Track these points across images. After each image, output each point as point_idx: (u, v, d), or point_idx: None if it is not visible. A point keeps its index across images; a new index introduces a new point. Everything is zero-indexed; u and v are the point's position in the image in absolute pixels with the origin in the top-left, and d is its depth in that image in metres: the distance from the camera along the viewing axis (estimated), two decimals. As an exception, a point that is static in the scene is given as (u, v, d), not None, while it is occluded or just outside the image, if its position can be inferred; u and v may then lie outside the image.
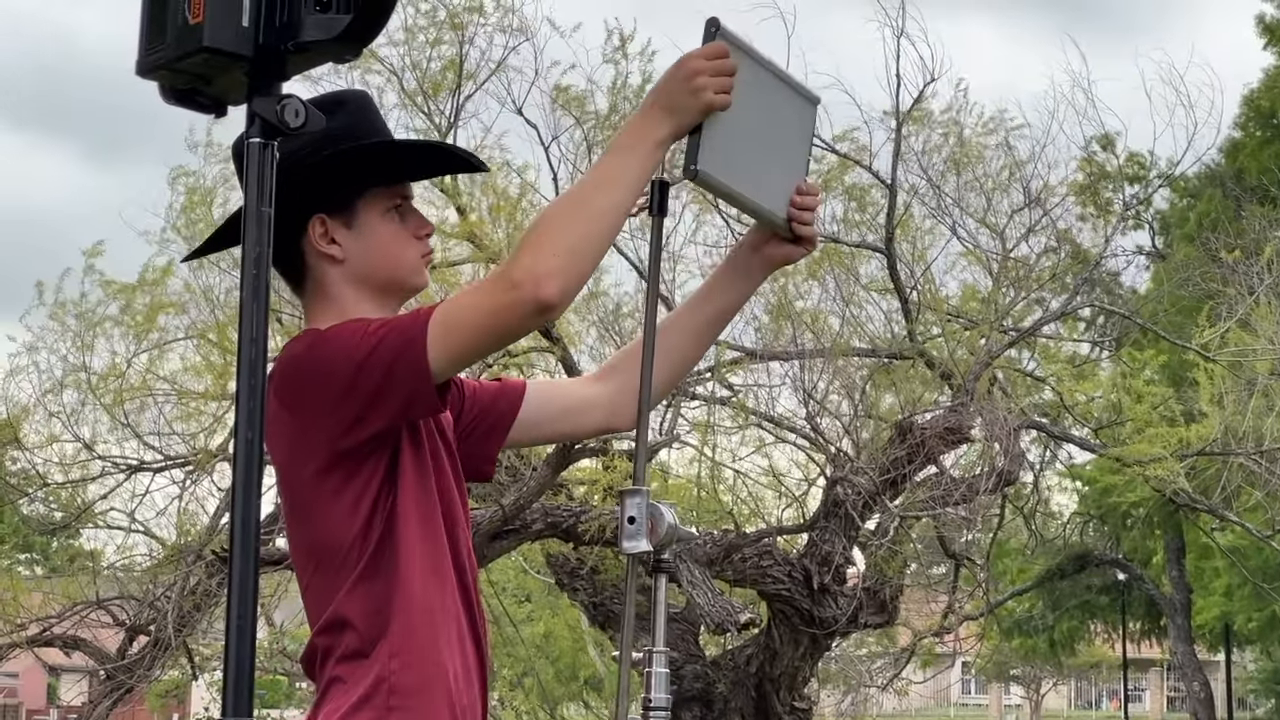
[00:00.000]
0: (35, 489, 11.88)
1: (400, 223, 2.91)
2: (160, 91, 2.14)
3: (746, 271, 3.01)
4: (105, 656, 11.11)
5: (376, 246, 2.87)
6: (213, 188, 10.94)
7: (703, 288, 3.08)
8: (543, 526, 10.45)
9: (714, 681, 11.32)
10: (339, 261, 2.87)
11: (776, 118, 2.85)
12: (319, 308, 2.89)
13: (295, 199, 2.76)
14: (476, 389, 3.08)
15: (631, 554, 2.66)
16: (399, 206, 2.91)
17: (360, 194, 2.88)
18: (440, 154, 3.22)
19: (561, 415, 3.11)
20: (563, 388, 3.35)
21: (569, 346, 10.47)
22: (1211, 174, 28.35)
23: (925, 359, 11.32)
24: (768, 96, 2.82)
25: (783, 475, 11.92)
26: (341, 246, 2.87)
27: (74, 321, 11.25)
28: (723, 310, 3.05)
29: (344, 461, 2.71)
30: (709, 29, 2.69)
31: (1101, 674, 60.47)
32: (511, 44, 10.68)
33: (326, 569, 2.77)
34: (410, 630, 2.72)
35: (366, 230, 2.88)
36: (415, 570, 2.73)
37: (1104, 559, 30.35)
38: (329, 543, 2.75)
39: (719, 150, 2.70)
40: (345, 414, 2.66)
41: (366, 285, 2.87)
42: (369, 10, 2.06)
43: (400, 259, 2.89)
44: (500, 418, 3.05)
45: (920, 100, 11.53)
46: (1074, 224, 12.69)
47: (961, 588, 12.74)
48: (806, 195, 2.89)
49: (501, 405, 3.06)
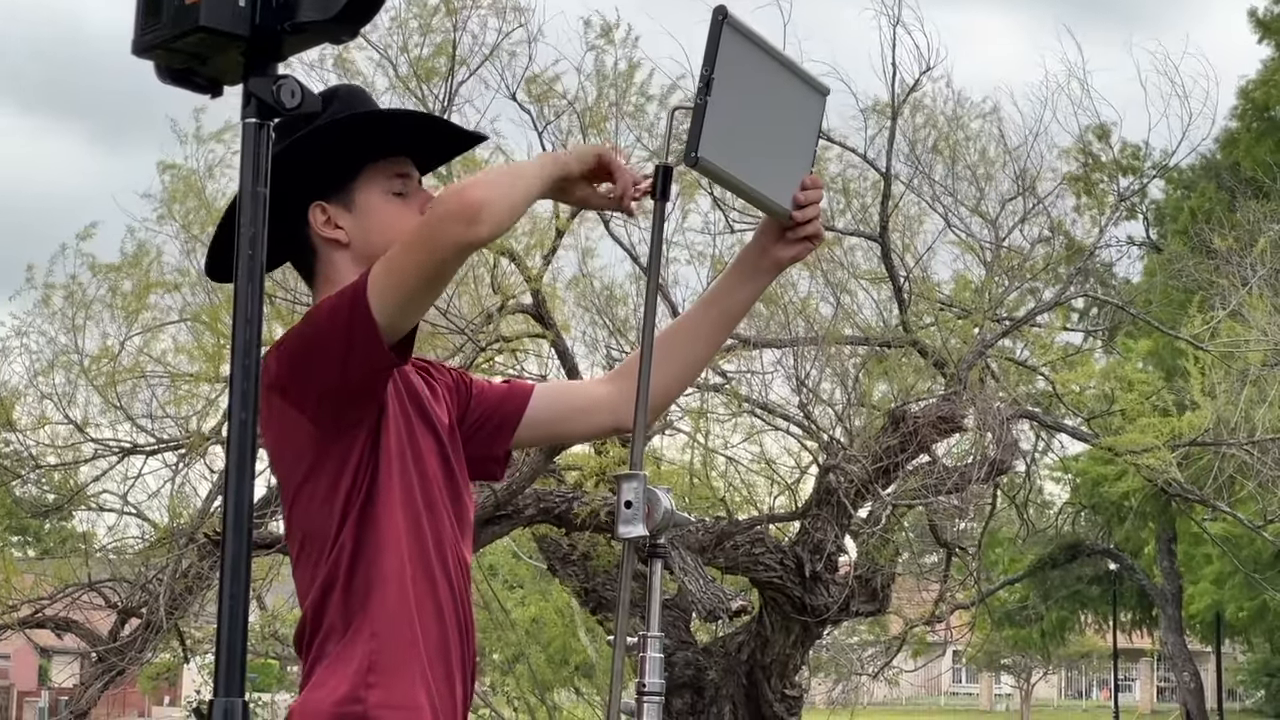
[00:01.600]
0: (27, 471, 11.87)
1: (403, 202, 2.92)
2: (156, 71, 2.13)
3: (755, 272, 3.02)
4: (97, 639, 11.11)
5: (377, 225, 2.88)
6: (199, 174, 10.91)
7: (711, 288, 3.10)
8: (535, 512, 10.44)
9: (705, 669, 11.33)
10: (344, 245, 2.89)
11: (782, 107, 2.84)
12: (320, 294, 2.92)
13: (293, 189, 2.78)
14: (485, 389, 3.11)
15: (627, 539, 2.65)
16: (400, 183, 2.92)
17: (355, 175, 2.90)
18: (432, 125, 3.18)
19: (569, 415, 3.12)
20: (571, 388, 3.44)
21: (562, 333, 10.46)
22: (1207, 166, 28.39)
23: (918, 348, 11.33)
24: (774, 86, 2.82)
25: (775, 462, 11.93)
26: (345, 230, 2.89)
27: (62, 302, 11.23)
28: (731, 310, 3.06)
29: (323, 441, 2.74)
30: (716, 17, 2.69)
31: (1092, 664, 60.59)
32: (505, 29, 10.65)
33: (310, 548, 2.81)
34: (388, 612, 2.74)
35: (367, 210, 2.90)
36: (393, 551, 2.76)
37: (1095, 549, 30.38)
38: (312, 522, 2.80)
39: (722, 138, 2.70)
40: (311, 378, 2.69)
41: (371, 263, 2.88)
42: (365, -9, 2.05)
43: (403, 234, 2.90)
44: (506, 418, 3.07)
45: (916, 88, 11.53)
46: (1067, 214, 12.71)
47: (953, 576, 12.75)
48: (810, 189, 2.90)
49: (508, 406, 3.08)
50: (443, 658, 2.81)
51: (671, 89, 11.03)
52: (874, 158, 11.52)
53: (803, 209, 2.89)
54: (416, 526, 2.79)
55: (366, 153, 2.90)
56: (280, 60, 2.09)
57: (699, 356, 3.09)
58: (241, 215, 2.02)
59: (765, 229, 2.98)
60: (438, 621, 2.81)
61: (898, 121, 11.43)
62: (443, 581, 2.83)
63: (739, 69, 2.72)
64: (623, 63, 11.03)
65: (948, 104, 12.16)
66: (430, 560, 2.81)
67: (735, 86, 2.71)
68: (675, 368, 3.03)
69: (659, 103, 11.10)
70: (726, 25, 2.68)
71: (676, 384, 3.10)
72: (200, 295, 10.76)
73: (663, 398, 3.10)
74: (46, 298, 11.30)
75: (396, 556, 2.76)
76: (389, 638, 2.74)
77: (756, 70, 2.76)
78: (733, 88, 2.71)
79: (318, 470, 2.76)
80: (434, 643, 2.79)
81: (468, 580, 2.92)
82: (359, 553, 2.75)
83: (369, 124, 2.92)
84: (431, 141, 3.03)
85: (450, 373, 3.11)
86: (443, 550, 2.84)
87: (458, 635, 2.85)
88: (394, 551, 2.76)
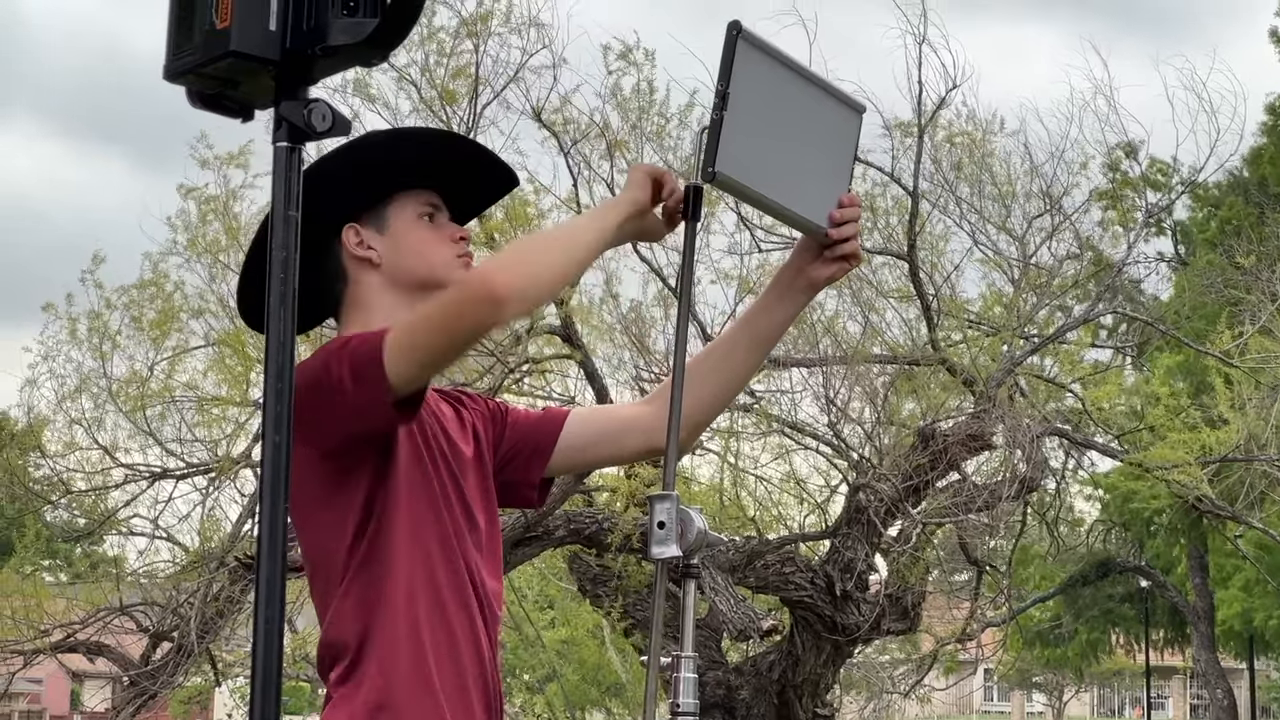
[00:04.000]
0: (58, 496, 11.91)
1: (432, 228, 2.94)
2: (188, 96, 2.14)
3: (791, 292, 2.98)
4: (129, 662, 11.13)
5: (409, 247, 2.91)
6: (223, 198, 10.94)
7: (748, 310, 3.07)
8: (565, 533, 10.45)
9: (736, 688, 11.30)
10: (375, 266, 2.90)
11: (812, 124, 2.81)
12: (348, 319, 2.93)
13: (327, 211, 2.79)
14: (520, 417, 3.10)
15: (661, 559, 2.64)
16: (430, 213, 2.94)
17: (388, 199, 2.92)
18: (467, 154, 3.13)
19: (602, 438, 3.09)
20: (605, 411, 3.36)
21: (590, 354, 10.46)
22: (1234, 181, 28.32)
23: (947, 365, 11.30)
24: (800, 102, 2.79)
25: (805, 482, 11.91)
26: (377, 250, 2.90)
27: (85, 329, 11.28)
28: (768, 331, 3.02)
29: (331, 474, 2.73)
30: (730, 32, 2.65)
31: (1124, 681, 60.31)
32: (529, 48, 10.67)
33: (321, 578, 2.81)
34: (396, 647, 2.73)
35: (399, 232, 2.91)
36: (403, 586, 2.75)
37: (1127, 566, 30.27)
38: (322, 554, 2.79)
39: (740, 153, 2.67)
40: (316, 418, 2.67)
41: (403, 287, 2.90)
42: (395, 14, 2.05)
43: (433, 257, 2.92)
44: (540, 444, 3.06)
45: (943, 106, 11.51)
46: (1094, 230, 12.67)
47: (984, 594, 12.71)
48: (847, 207, 2.87)
49: (543, 432, 3.07)
50: (460, 693, 2.78)
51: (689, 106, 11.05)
52: (900, 176, 11.51)
53: (839, 226, 2.86)
54: (428, 559, 2.77)
55: (399, 177, 2.92)
56: (311, 84, 2.09)
57: (735, 378, 3.04)
58: (273, 239, 2.02)
59: (802, 248, 2.94)
60: (452, 657, 2.78)
61: (924, 139, 11.42)
62: (459, 615, 2.80)
63: (759, 85, 2.69)
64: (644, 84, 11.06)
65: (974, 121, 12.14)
66: (443, 594, 2.78)
67: (755, 102, 2.68)
68: (711, 389, 3.00)
69: (678, 121, 11.11)
70: (741, 40, 2.65)
71: (713, 405, 3.06)
72: (223, 320, 10.79)
73: (700, 419, 3.05)
74: (73, 324, 11.34)
75: (406, 591, 2.74)
76: (397, 676, 2.72)
77: (779, 86, 2.73)
78: (753, 104, 2.67)
79: (327, 501, 2.75)
80: (450, 679, 2.76)
81: (493, 612, 2.88)
82: (366, 586, 2.74)
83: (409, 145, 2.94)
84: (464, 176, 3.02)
85: (485, 402, 3.10)
86: (460, 582, 2.81)
87: (478, 670, 2.82)
88: (403, 586, 2.74)
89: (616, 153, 10.74)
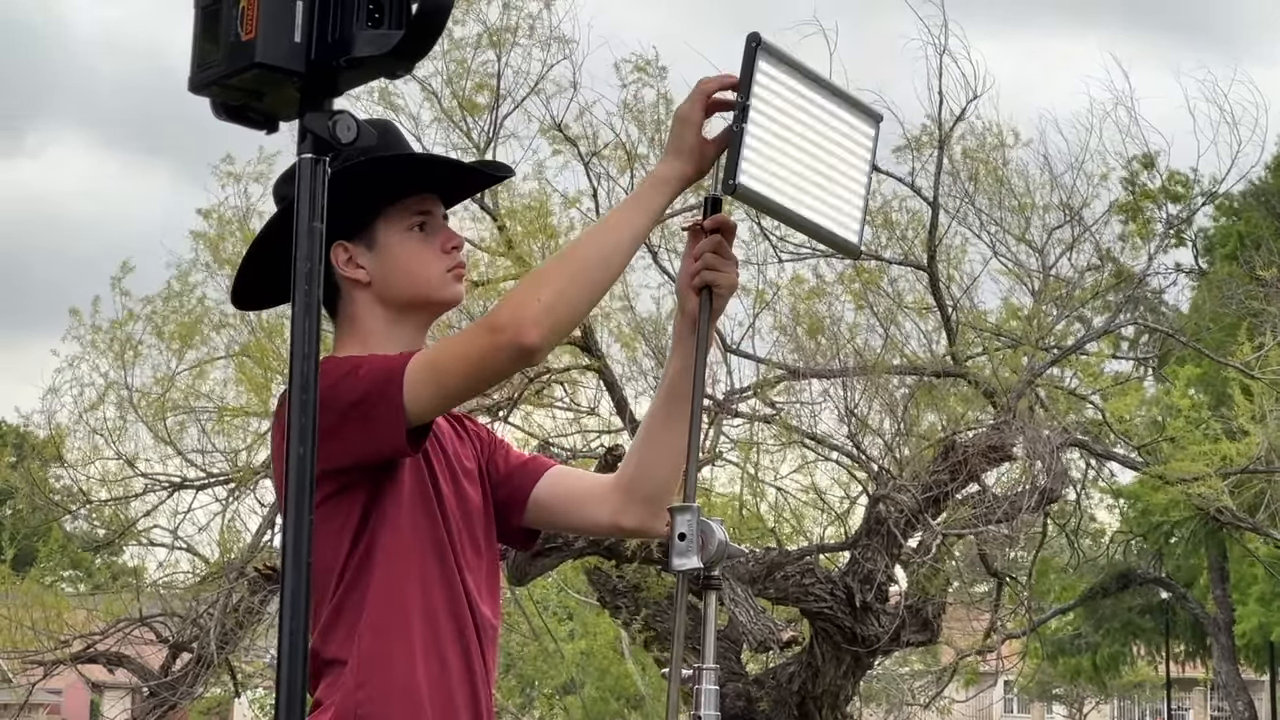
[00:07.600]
0: (79, 506, 11.94)
1: (423, 240, 2.88)
2: (212, 107, 2.14)
3: (681, 338, 2.87)
4: (148, 673, 11.15)
5: (397, 265, 2.86)
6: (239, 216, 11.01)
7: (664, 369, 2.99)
8: (584, 544, 10.44)
9: (756, 699, 11.29)
10: (365, 285, 2.86)
11: (831, 134, 2.81)
12: (342, 338, 2.90)
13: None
14: (508, 453, 3.04)
15: (681, 571, 2.63)
16: (421, 223, 2.89)
17: (376, 215, 2.87)
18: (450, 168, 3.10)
19: (568, 500, 3.01)
20: (576, 475, 3.20)
21: (608, 363, 10.47)
22: (1256, 192, 28.23)
23: (967, 377, 11.29)
24: (820, 113, 2.79)
25: (824, 493, 11.89)
26: (366, 269, 2.86)
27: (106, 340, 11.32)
28: (676, 386, 2.90)
29: (329, 487, 2.69)
30: (750, 44, 2.65)
31: (1145, 693, 60.11)
32: (550, 60, 10.70)
33: (314, 590, 2.78)
34: (385, 663, 2.72)
35: (387, 250, 2.86)
36: (396, 600, 2.73)
37: (1147, 578, 30.16)
38: (317, 556, 2.76)
39: (763, 165, 2.67)
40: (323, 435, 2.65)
41: (393, 305, 2.86)
42: (420, 26, 2.05)
43: (422, 275, 2.87)
44: (516, 490, 3.00)
45: (962, 117, 11.50)
46: (1114, 242, 12.65)
47: (1004, 606, 12.68)
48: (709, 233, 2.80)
49: (521, 475, 3.01)
50: (447, 708, 2.76)
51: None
52: (919, 187, 11.50)
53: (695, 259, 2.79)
54: (423, 574, 2.76)
55: (386, 193, 2.88)
56: (336, 95, 2.09)
57: (676, 440, 2.89)
58: (298, 251, 2.02)
59: (682, 290, 2.85)
60: (442, 670, 2.76)
61: (944, 151, 11.41)
62: (451, 632, 2.78)
63: (779, 96, 2.69)
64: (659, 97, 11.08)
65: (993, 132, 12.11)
66: (437, 610, 2.77)
67: (776, 114, 2.68)
68: (654, 452, 2.92)
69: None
70: (761, 51, 2.65)
71: (664, 469, 2.95)
72: (244, 334, 10.82)
73: (655, 485, 2.95)
74: (95, 332, 11.39)
75: (399, 606, 2.73)
76: (380, 687, 2.70)
77: (799, 97, 2.72)
78: (773, 115, 2.68)
79: (328, 509, 2.71)
80: (440, 698, 2.75)
81: (487, 633, 2.86)
82: (358, 595, 2.73)
83: (388, 168, 2.88)
84: (453, 179, 3.01)
85: (481, 427, 3.08)
86: (454, 596, 2.80)
87: (468, 687, 2.80)
88: (396, 601, 2.73)
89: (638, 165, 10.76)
